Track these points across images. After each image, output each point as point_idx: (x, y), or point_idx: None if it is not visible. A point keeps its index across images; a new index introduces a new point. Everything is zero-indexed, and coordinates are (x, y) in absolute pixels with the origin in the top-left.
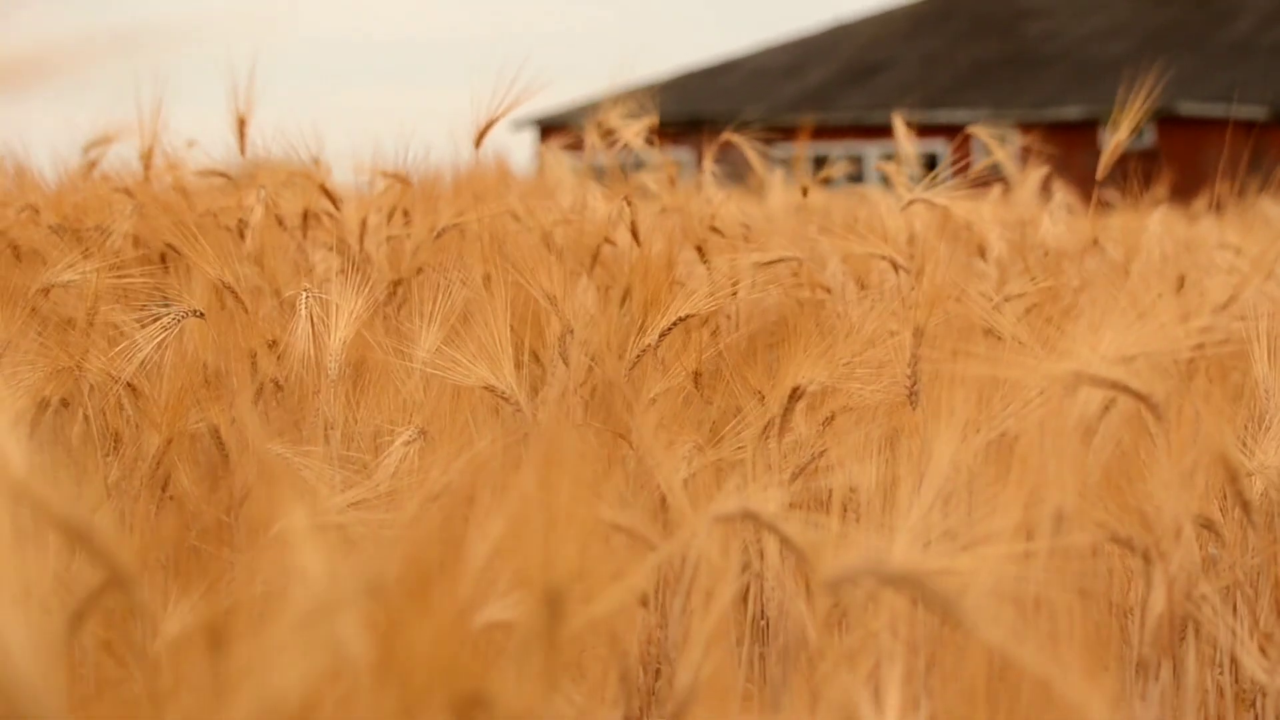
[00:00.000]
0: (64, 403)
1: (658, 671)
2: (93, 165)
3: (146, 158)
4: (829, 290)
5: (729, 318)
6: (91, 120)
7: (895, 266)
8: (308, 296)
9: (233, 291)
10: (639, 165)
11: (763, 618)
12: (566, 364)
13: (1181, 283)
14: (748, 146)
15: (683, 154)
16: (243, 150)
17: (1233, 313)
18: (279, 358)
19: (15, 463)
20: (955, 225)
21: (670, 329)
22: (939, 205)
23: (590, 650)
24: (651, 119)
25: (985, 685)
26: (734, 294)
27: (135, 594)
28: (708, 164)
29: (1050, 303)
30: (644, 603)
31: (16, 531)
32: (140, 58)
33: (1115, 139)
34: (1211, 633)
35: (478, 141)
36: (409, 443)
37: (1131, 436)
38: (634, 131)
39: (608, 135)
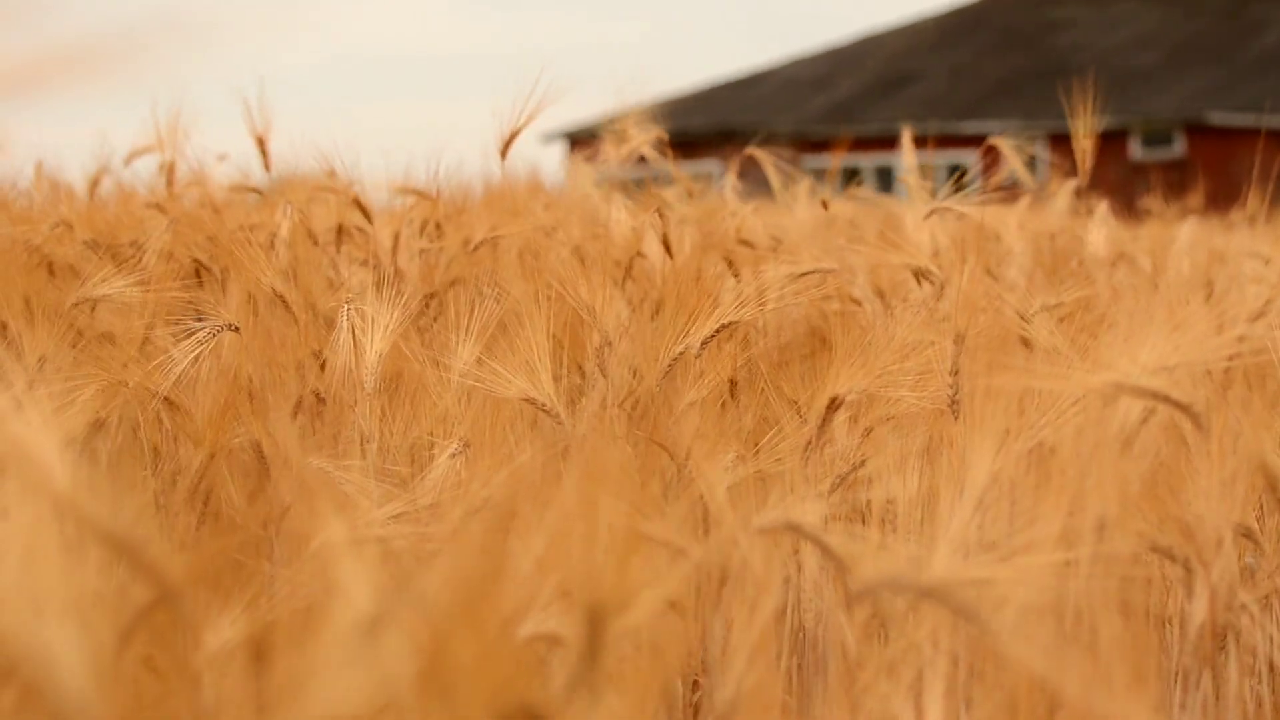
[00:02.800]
0: (103, 420)
1: (695, 684)
2: (96, 180)
3: (169, 172)
4: (859, 303)
5: (759, 329)
6: (125, 136)
7: (924, 277)
8: (349, 309)
9: (284, 301)
10: (668, 178)
11: (800, 629)
12: (605, 375)
13: (1212, 292)
14: (767, 162)
15: (712, 166)
16: (267, 167)
17: (1267, 321)
18: (322, 368)
19: (60, 478)
20: (984, 236)
21: (713, 337)
22: (965, 215)
23: (632, 663)
24: (673, 131)
25: (1027, 696)
26: (763, 306)
27: (182, 609)
28: (731, 177)
29: (1083, 313)
30: (684, 615)
31: (63, 547)
32: (158, 58)
33: (1081, 148)
34: (1251, 642)
35: (503, 153)
36: (454, 456)
37: (1170, 446)
38: (653, 143)
39: (629, 147)
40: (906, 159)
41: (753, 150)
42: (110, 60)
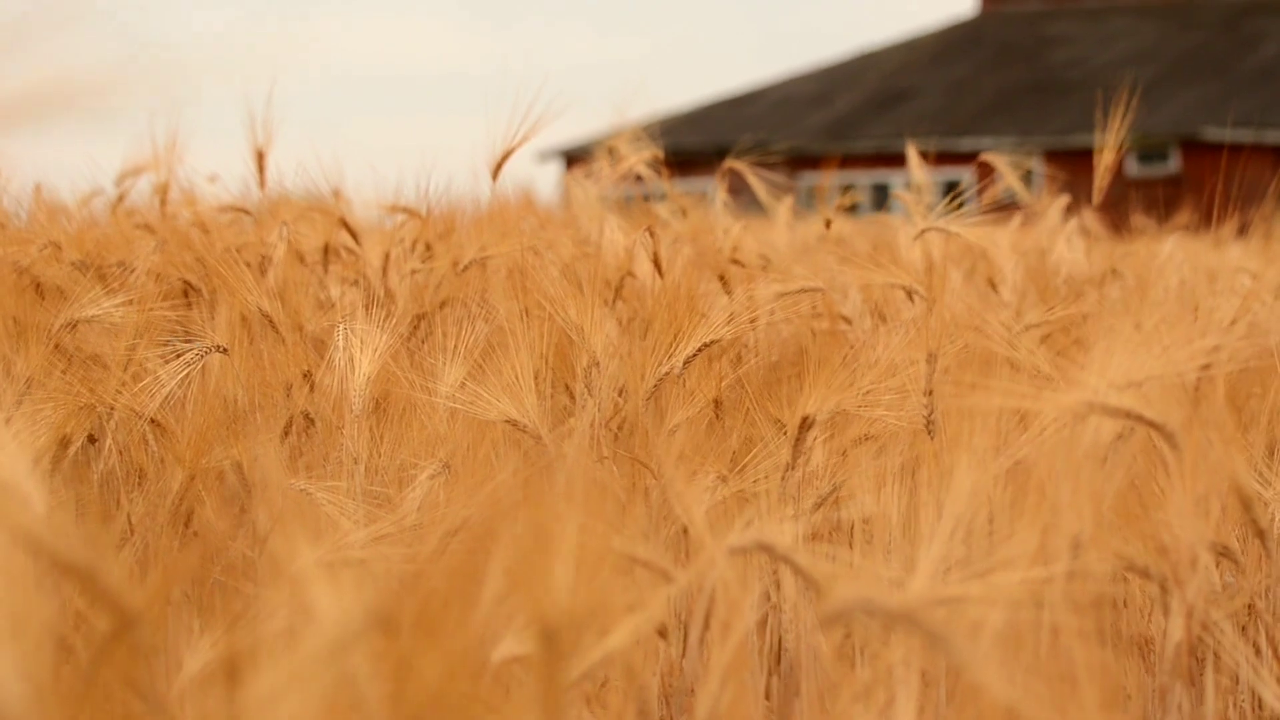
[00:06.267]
0: (90, 439)
1: (681, 705)
2: (120, 199)
3: (162, 193)
4: (849, 321)
5: (749, 348)
6: (114, 156)
7: (911, 295)
8: (344, 329)
9: (271, 322)
10: (662, 196)
11: (782, 648)
12: (592, 395)
13: (1195, 308)
14: (754, 176)
15: (708, 184)
16: (262, 184)
17: (1240, 333)
18: (311, 389)
19: (27, 506)
20: (974, 254)
21: (694, 356)
22: (955, 234)
23: (609, 682)
24: (669, 149)
25: (1001, 718)
26: (753, 324)
27: (143, 638)
28: (719, 193)
29: (1067, 331)
30: (663, 634)
31: (33, 571)
32: (156, 88)
33: (1104, 160)
34: (1229, 662)
35: (495, 173)
36: (433, 477)
37: (1146, 464)
38: (647, 161)
39: (625, 166)
40: (914, 175)
41: (735, 164)
42: (103, 88)
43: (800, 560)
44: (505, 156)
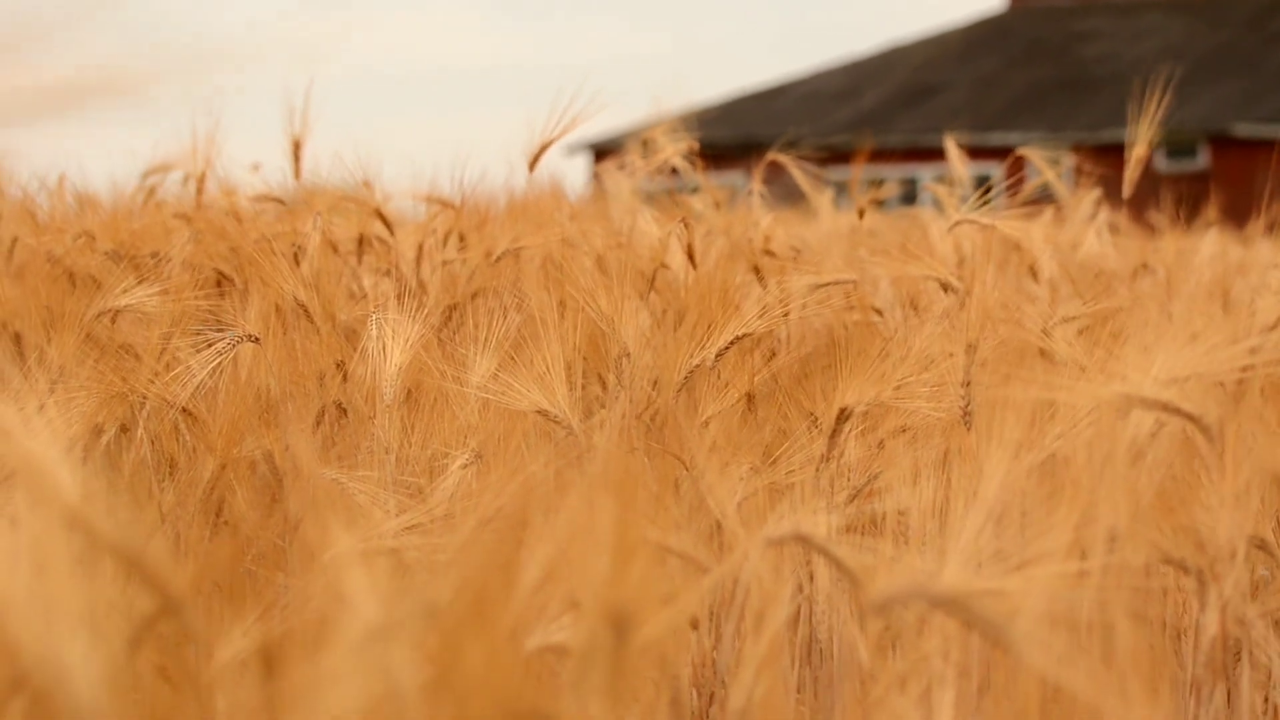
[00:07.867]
0: (122, 429)
1: (711, 695)
2: (152, 191)
3: (198, 183)
4: (880, 313)
5: (782, 340)
6: (151, 146)
7: (945, 288)
8: (377, 319)
9: (304, 311)
10: (693, 189)
11: (814, 640)
12: (624, 386)
13: (1229, 304)
14: (795, 167)
15: (736, 178)
16: (297, 174)
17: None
18: (343, 379)
19: (69, 489)
20: (1006, 247)
21: (727, 348)
22: (988, 226)
23: (642, 673)
24: (699, 141)
25: (1038, 708)
26: (786, 315)
27: (188, 620)
28: (755, 185)
29: (1102, 325)
30: (696, 626)
31: (72, 558)
32: (193, 80)
33: (1135, 153)
34: (1261, 659)
35: (532, 165)
36: (465, 466)
37: (1184, 458)
38: (683, 154)
39: (658, 158)
40: (954, 168)
41: (777, 157)
42: (140, 80)
43: (837, 551)
44: (544, 149)
